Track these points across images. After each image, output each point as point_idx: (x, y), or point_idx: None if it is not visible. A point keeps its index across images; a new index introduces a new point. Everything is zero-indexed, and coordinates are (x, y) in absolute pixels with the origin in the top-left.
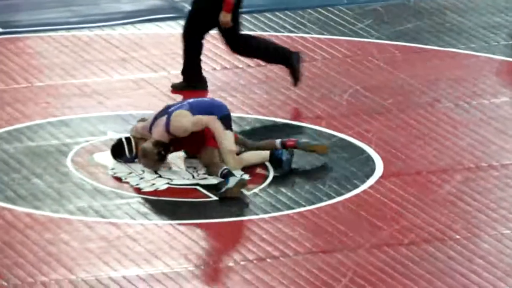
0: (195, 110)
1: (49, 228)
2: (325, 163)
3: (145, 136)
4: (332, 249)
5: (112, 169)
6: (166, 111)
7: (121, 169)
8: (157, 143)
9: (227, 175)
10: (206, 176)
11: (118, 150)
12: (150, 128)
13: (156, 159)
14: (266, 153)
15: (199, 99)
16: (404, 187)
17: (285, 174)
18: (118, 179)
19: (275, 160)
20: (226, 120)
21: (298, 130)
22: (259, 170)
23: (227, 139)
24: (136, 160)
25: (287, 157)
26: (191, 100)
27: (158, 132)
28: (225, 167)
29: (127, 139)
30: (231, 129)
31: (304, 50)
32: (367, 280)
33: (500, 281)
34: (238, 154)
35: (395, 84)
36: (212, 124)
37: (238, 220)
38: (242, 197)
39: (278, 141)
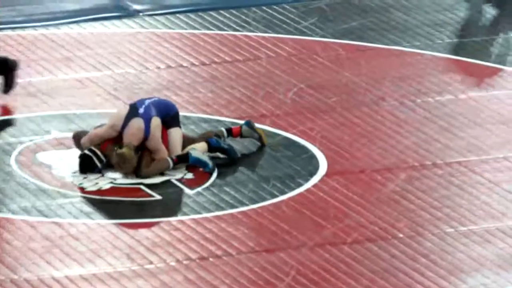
0: (159, 113)
1: None
2: (269, 162)
3: (108, 137)
4: (275, 248)
5: (56, 168)
6: (136, 113)
7: (65, 169)
8: (132, 147)
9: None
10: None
11: (88, 165)
12: (122, 130)
13: (135, 161)
14: (204, 145)
15: (155, 100)
16: (348, 186)
17: (234, 161)
18: (62, 179)
19: (218, 150)
20: (177, 117)
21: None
22: (203, 170)
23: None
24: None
25: (228, 144)
26: (150, 101)
27: (133, 135)
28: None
29: (91, 151)
30: (180, 126)
31: (248, 49)
32: (310, 279)
33: (443, 280)
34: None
35: (339, 83)
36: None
37: (181, 219)
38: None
39: (223, 129)
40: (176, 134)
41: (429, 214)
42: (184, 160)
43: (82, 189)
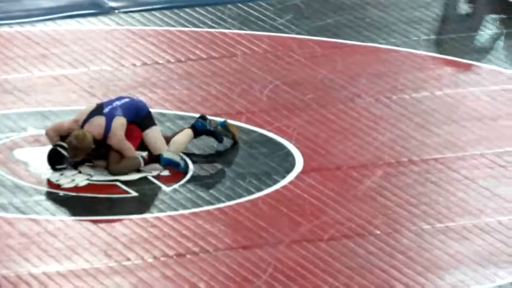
0: (127, 114)
1: None
2: (245, 159)
3: (71, 130)
4: (252, 245)
5: (32, 165)
6: (101, 111)
7: (41, 166)
8: (89, 133)
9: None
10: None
11: (56, 158)
12: (83, 125)
13: (87, 145)
14: (189, 131)
15: (124, 100)
16: (324, 183)
17: (221, 141)
18: (38, 175)
19: (204, 133)
20: (149, 117)
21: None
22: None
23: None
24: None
25: (213, 127)
26: (119, 101)
27: (94, 130)
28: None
29: (58, 145)
30: (155, 124)
31: (224, 46)
32: (287, 276)
33: (420, 276)
34: (167, 143)
35: (315, 80)
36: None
37: (158, 215)
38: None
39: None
40: (153, 134)
41: (406, 211)
42: (155, 161)
43: (58, 186)
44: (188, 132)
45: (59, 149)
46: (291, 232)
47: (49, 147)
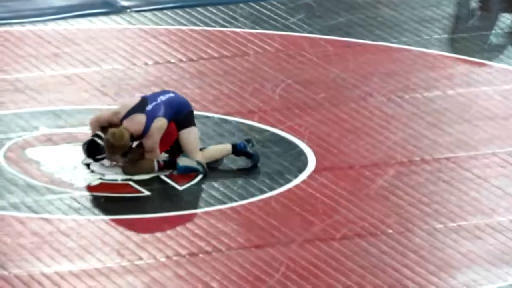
0: (168, 113)
1: None
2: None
3: (110, 122)
4: (264, 244)
5: (44, 164)
6: (143, 109)
7: (53, 165)
8: (127, 131)
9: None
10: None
11: (94, 148)
12: (122, 119)
13: (125, 143)
14: (228, 147)
15: (168, 97)
16: (336, 182)
17: (256, 166)
18: (51, 175)
19: (243, 153)
20: (190, 116)
21: (231, 124)
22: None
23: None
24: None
25: (253, 150)
26: (164, 96)
27: (132, 127)
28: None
29: (96, 135)
30: (194, 125)
31: (236, 45)
32: (300, 275)
33: (432, 275)
34: (200, 149)
35: (327, 79)
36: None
37: (171, 215)
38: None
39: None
40: (189, 135)
41: (418, 210)
42: (171, 167)
43: (71, 185)
44: (227, 147)
45: (96, 139)
46: (303, 231)
47: (62, 146)
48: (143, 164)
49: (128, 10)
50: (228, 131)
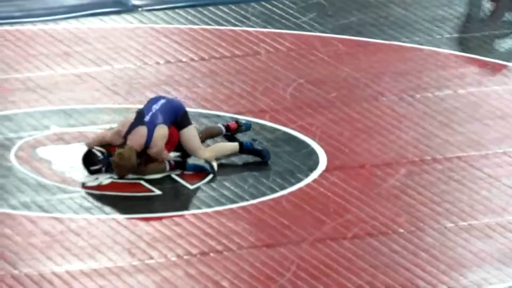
0: (167, 119)
1: None
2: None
3: (114, 142)
4: (275, 243)
5: (55, 163)
6: (142, 121)
7: (64, 164)
8: (133, 150)
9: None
10: None
11: (90, 159)
12: (125, 136)
13: (133, 163)
14: (235, 145)
15: (161, 104)
16: (347, 181)
17: (266, 162)
18: (62, 174)
19: (250, 151)
20: (186, 116)
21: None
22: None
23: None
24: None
25: (263, 146)
26: (157, 105)
27: (136, 141)
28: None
29: (94, 148)
30: (191, 123)
31: (248, 44)
32: (311, 274)
33: (443, 275)
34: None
35: (339, 78)
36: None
37: (182, 214)
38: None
39: (220, 126)
40: (189, 134)
41: (430, 209)
42: (181, 167)
43: (82, 184)
44: (234, 145)
45: (93, 150)
46: (314, 230)
47: (73, 145)
48: (155, 166)
49: (140, 9)
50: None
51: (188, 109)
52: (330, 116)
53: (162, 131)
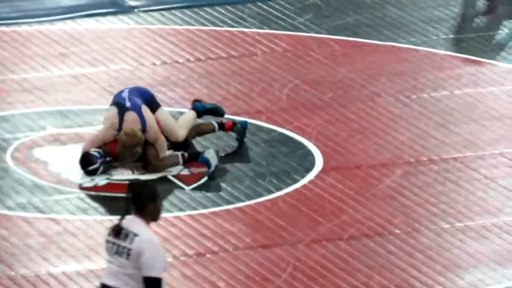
0: (143, 102)
1: None
2: (265, 158)
3: (108, 139)
4: (272, 244)
5: (52, 164)
6: (126, 108)
7: (61, 165)
8: (135, 130)
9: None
10: (145, 171)
11: (87, 159)
12: (120, 128)
13: (140, 138)
14: (192, 113)
15: (128, 90)
16: (344, 182)
17: (223, 115)
18: (58, 175)
19: (206, 112)
20: (154, 99)
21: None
22: (198, 165)
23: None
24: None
25: (210, 104)
26: (127, 92)
27: (132, 127)
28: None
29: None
30: (160, 105)
31: (244, 45)
32: (307, 275)
33: (439, 275)
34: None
35: (335, 79)
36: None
37: (178, 215)
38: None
39: (213, 122)
40: (163, 114)
41: (426, 210)
42: (194, 158)
43: (78, 185)
44: (191, 113)
45: (89, 151)
46: (311, 231)
47: (69, 146)
48: (171, 159)
49: (136, 10)
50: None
51: (184, 109)
52: (326, 117)
53: (148, 111)
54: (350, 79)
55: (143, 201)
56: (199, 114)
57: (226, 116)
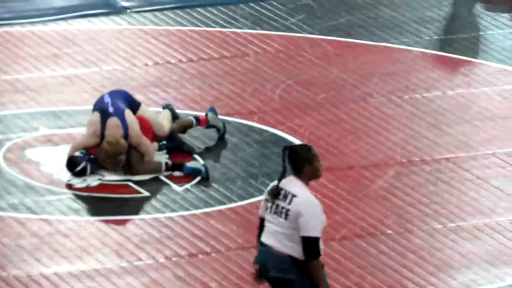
0: (126, 106)
1: None
2: (257, 159)
3: (91, 145)
4: None
5: (44, 165)
6: (108, 114)
7: (53, 165)
8: (117, 136)
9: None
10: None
11: (73, 161)
12: (102, 134)
13: (123, 146)
14: (166, 111)
15: (109, 93)
16: (336, 182)
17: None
18: (50, 175)
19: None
20: (134, 100)
21: (231, 125)
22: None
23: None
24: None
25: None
26: (110, 97)
27: (114, 133)
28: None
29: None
30: (140, 103)
31: (236, 45)
32: None
33: (432, 276)
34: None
35: (327, 79)
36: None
37: (170, 215)
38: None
39: (192, 118)
40: (147, 110)
41: (418, 210)
42: (177, 168)
43: (70, 186)
44: (166, 111)
45: (77, 153)
46: None
47: (62, 147)
48: (152, 165)
49: (128, 10)
50: (228, 132)
51: (176, 110)
52: (319, 117)
53: (131, 115)
54: (343, 79)
55: (300, 163)
56: (173, 111)
57: (219, 116)
